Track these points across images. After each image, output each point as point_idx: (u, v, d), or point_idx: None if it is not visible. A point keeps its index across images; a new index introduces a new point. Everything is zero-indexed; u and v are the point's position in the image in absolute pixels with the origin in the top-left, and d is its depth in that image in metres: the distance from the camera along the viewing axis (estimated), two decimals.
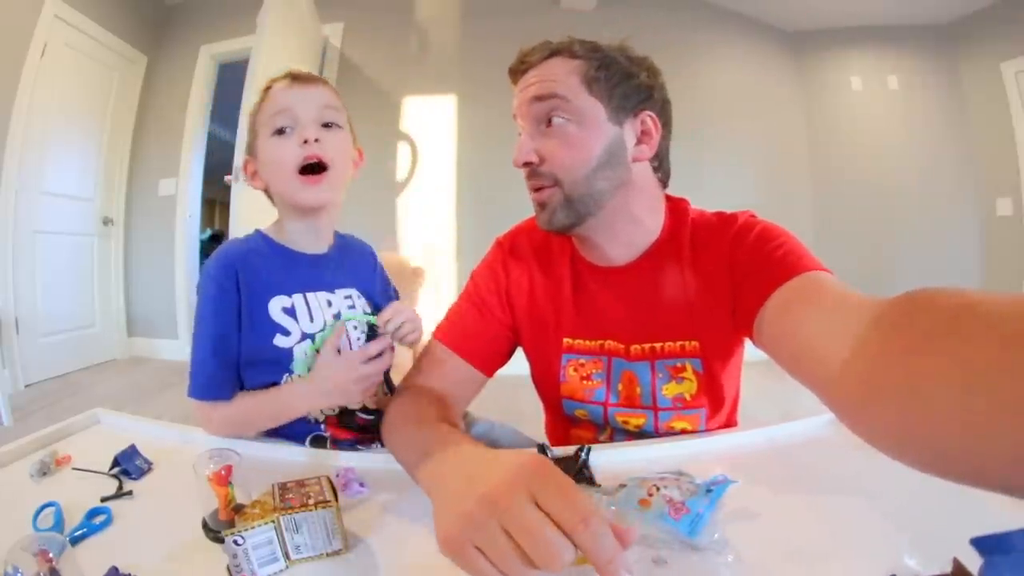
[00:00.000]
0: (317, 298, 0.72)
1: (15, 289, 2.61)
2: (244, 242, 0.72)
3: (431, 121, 3.18)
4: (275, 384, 0.68)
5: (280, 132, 0.69)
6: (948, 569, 0.34)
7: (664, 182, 0.72)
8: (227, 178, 2.22)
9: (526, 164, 0.67)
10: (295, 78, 0.71)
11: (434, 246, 3.14)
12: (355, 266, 0.79)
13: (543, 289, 0.75)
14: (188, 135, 3.21)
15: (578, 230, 0.68)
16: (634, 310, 0.70)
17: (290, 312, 0.69)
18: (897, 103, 3.43)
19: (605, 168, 0.65)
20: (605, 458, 0.61)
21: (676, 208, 0.72)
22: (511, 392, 0.86)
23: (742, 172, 3.37)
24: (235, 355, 0.67)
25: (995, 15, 3.09)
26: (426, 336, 0.77)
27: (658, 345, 0.69)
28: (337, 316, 0.72)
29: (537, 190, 0.67)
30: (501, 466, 0.35)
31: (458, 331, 0.75)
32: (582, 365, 0.73)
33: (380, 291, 0.81)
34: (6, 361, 2.52)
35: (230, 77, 3.10)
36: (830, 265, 0.61)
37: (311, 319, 0.70)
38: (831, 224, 3.50)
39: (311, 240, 0.74)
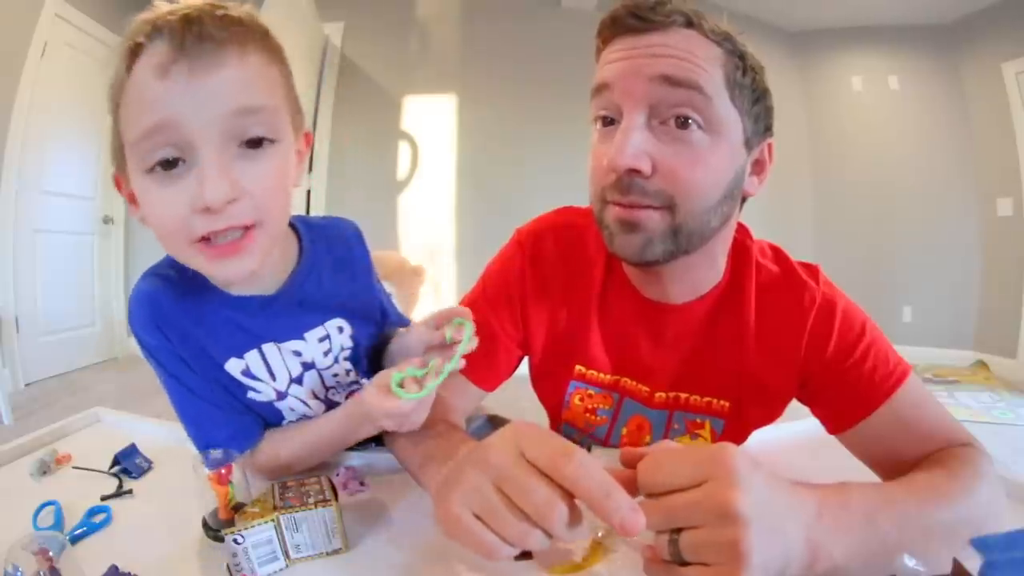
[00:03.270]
0: (280, 351, 0.54)
1: (15, 288, 2.61)
2: (165, 285, 0.50)
3: (432, 120, 3.18)
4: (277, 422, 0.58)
5: (164, 166, 0.40)
6: (948, 569, 0.34)
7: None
8: None
9: (633, 171, 0.48)
10: (181, 39, 0.38)
11: (434, 245, 3.14)
12: (332, 284, 0.57)
13: (566, 307, 0.64)
14: None
15: (661, 266, 0.54)
16: (675, 355, 0.61)
17: (250, 375, 0.54)
18: (897, 103, 3.43)
19: (724, 202, 0.51)
20: (605, 458, 0.61)
21: (740, 246, 0.61)
22: (511, 392, 0.86)
23: None
24: (230, 395, 0.54)
25: (995, 15, 3.08)
26: None
27: (684, 395, 0.62)
28: (310, 366, 0.56)
29: (631, 207, 0.50)
30: (490, 440, 0.36)
31: None
32: (590, 396, 0.65)
33: (378, 290, 0.63)
34: (6, 360, 2.52)
35: None
36: (830, 265, 0.61)
37: (273, 377, 0.54)
38: (831, 224, 3.50)
39: (253, 287, 0.52)
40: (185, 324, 0.50)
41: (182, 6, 0.40)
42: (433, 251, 3.13)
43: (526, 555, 0.44)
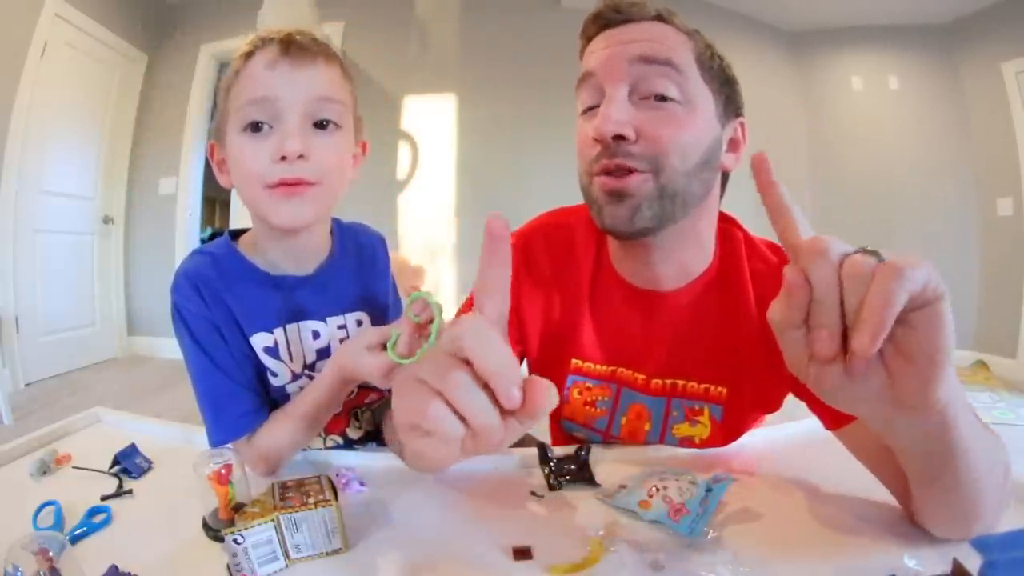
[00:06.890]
0: (300, 331, 0.61)
1: (15, 288, 2.61)
2: (209, 261, 0.59)
3: (431, 120, 3.18)
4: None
5: (255, 128, 0.53)
6: (948, 569, 0.34)
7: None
8: None
9: (618, 137, 0.52)
10: (287, 47, 0.53)
11: (435, 245, 3.14)
12: (357, 279, 0.66)
13: (559, 303, 0.66)
14: (188, 134, 3.21)
15: (649, 238, 0.56)
16: (669, 341, 0.62)
17: (273, 352, 0.60)
18: (897, 103, 3.42)
19: (704, 169, 0.55)
20: (605, 458, 0.61)
21: (728, 234, 0.62)
22: None
23: (742, 171, 3.36)
24: (249, 372, 0.59)
25: (995, 15, 3.08)
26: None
27: (680, 382, 0.63)
28: (325, 352, 0.62)
29: (619, 175, 0.53)
30: None
31: None
32: (588, 389, 0.67)
33: (392, 296, 0.71)
34: (6, 360, 2.52)
35: None
36: None
37: (291, 358, 0.61)
38: (831, 224, 3.50)
39: (293, 262, 0.61)
40: (223, 292, 0.57)
41: (286, 29, 0.55)
42: (433, 251, 3.13)
43: (525, 555, 0.45)
